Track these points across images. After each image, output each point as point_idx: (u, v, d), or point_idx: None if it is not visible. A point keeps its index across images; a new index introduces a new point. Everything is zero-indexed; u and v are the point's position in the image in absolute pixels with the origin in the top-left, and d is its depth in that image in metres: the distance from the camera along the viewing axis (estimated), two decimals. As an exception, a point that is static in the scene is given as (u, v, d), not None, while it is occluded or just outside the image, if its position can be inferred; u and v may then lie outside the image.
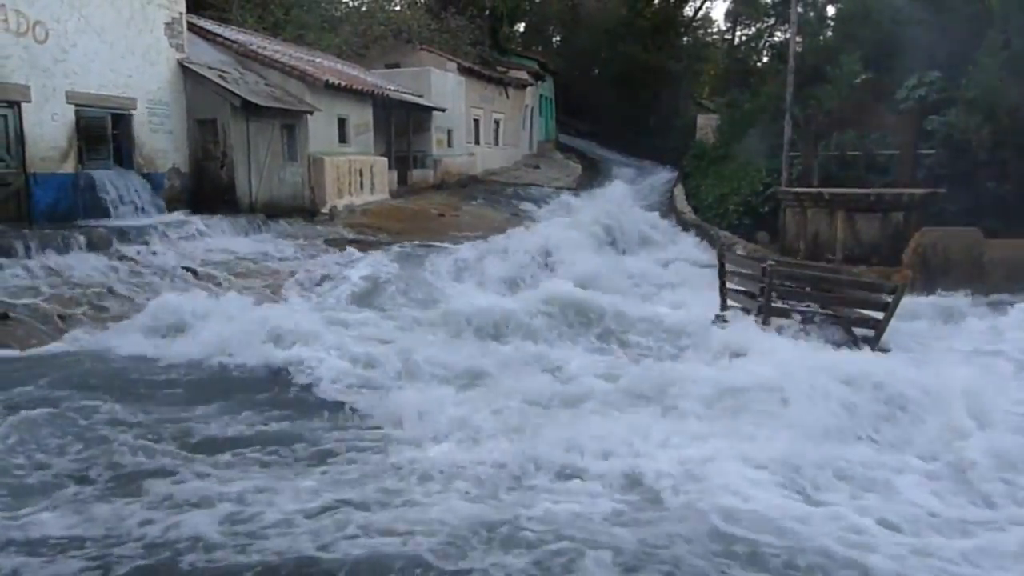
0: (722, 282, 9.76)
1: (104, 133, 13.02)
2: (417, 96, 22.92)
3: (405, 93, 22.22)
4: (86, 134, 12.56)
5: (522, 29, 42.63)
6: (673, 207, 21.51)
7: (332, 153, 17.71)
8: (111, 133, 13.15)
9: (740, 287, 9.64)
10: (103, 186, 12.51)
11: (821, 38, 21.77)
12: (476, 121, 28.27)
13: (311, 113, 16.61)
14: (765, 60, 33.71)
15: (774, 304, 8.84)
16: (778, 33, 33.57)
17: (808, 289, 9.13)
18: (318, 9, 27.21)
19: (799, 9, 18.39)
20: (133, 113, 13.45)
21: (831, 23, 22.41)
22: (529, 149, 34.50)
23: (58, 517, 4.54)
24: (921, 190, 13.31)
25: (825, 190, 14.11)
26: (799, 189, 14.66)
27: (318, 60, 20.45)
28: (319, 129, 17.27)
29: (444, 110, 24.24)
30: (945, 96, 14.68)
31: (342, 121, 18.60)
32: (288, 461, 5.53)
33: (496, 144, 30.52)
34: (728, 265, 9.84)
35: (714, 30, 46.08)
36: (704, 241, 17.15)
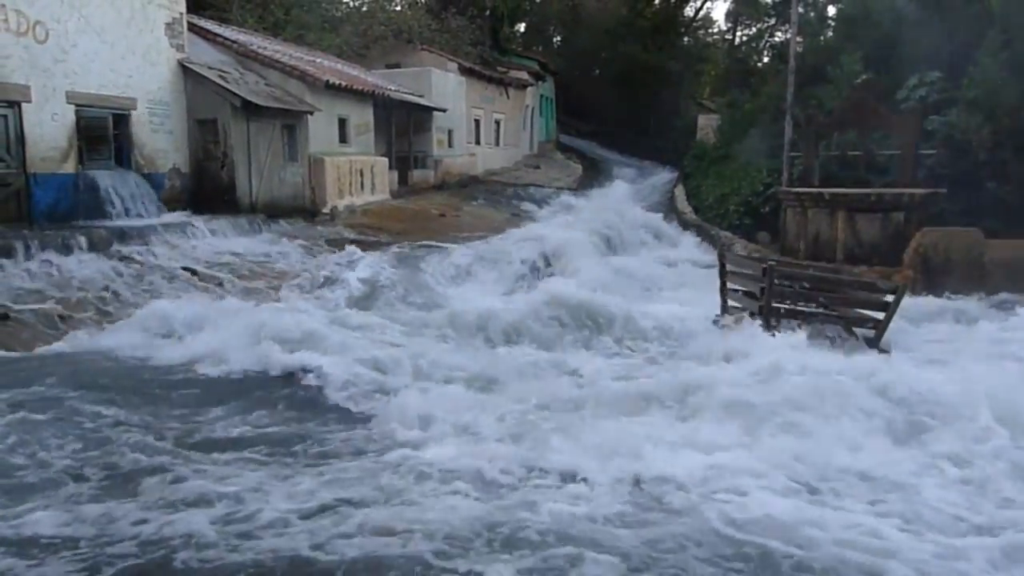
0: (723, 282, 9.76)
1: (104, 133, 13.01)
2: (418, 96, 22.90)
3: (406, 93, 22.20)
4: (86, 134, 12.55)
5: (522, 29, 42.59)
6: (674, 207, 21.52)
7: (333, 153, 17.69)
8: (111, 133, 13.14)
9: (741, 287, 9.64)
10: (103, 186, 12.50)
11: (822, 38, 21.74)
12: (477, 121, 28.24)
13: (311, 113, 16.61)
14: (766, 60, 33.61)
15: (775, 304, 8.83)
16: (779, 33, 33.51)
17: (809, 289, 9.12)
18: (318, 9, 27.20)
19: (800, 9, 18.38)
20: (133, 113, 13.45)
21: (832, 23, 22.39)
22: (530, 149, 34.48)
23: (52, 516, 4.52)
24: (922, 190, 13.30)
25: (826, 190, 14.11)
26: (800, 189, 14.64)
27: (318, 60, 20.43)
28: (319, 129, 17.26)
29: (445, 110, 24.23)
30: (946, 96, 14.67)
31: (342, 121, 18.59)
32: (288, 461, 5.51)
33: (497, 144, 30.49)
34: (729, 265, 9.84)
35: (715, 30, 46.16)
36: (705, 241, 17.17)
